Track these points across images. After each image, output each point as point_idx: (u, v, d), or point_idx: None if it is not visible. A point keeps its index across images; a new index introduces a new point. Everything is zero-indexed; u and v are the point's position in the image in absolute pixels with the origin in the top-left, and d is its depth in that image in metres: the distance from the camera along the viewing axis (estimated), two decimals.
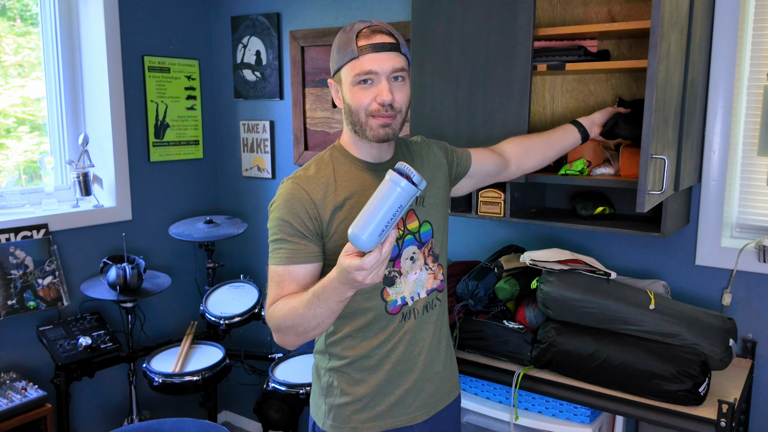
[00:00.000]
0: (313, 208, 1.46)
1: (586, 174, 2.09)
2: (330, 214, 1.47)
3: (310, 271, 1.47)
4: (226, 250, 3.38)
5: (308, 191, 1.47)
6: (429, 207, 1.59)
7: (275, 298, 1.46)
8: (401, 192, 1.22)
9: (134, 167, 3.02)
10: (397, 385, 1.57)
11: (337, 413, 1.58)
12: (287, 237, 1.46)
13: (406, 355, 1.56)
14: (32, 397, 2.32)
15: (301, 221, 1.45)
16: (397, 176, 1.22)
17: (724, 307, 2.13)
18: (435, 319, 1.60)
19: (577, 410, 2.01)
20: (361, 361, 1.55)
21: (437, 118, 2.20)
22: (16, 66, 2.78)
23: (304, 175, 1.50)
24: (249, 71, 3.20)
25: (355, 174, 1.52)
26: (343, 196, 1.49)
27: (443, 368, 1.65)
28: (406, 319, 1.55)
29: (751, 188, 2.12)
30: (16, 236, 2.56)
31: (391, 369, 1.55)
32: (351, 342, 1.55)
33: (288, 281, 1.46)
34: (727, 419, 1.69)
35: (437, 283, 1.61)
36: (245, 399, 3.44)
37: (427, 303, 1.58)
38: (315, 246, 1.47)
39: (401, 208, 1.23)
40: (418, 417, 1.60)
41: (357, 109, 1.45)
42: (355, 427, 1.57)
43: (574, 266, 2.01)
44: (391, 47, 1.43)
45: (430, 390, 1.61)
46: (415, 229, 1.55)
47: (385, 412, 1.57)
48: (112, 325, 2.86)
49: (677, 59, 1.77)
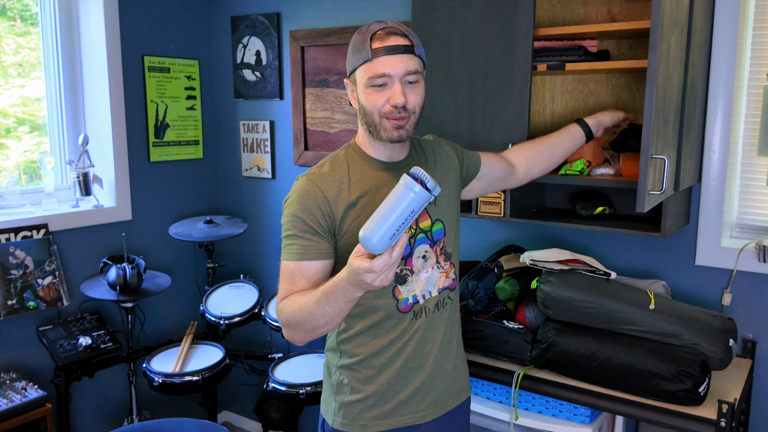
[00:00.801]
0: (327, 205, 1.47)
1: (586, 174, 2.09)
2: (343, 212, 1.48)
3: (321, 268, 1.48)
4: (226, 250, 3.38)
5: (322, 188, 1.48)
6: (441, 206, 1.59)
7: (286, 293, 1.48)
8: (414, 197, 1.22)
9: (134, 167, 3.02)
10: (407, 383, 1.57)
11: (347, 411, 1.58)
12: (299, 233, 1.47)
13: (416, 353, 1.56)
14: (32, 397, 2.32)
15: (314, 218, 1.47)
16: (411, 181, 1.22)
17: (724, 307, 2.13)
18: (446, 318, 1.60)
19: (577, 410, 2.01)
20: (372, 358, 1.56)
21: (437, 118, 2.20)
22: (16, 66, 2.78)
23: (318, 172, 1.52)
24: (249, 71, 3.20)
25: (369, 173, 1.53)
26: (356, 194, 1.50)
27: (454, 367, 1.65)
28: (417, 318, 1.55)
29: (751, 188, 2.12)
30: (16, 236, 2.56)
31: (402, 367, 1.56)
32: (362, 339, 1.56)
33: (299, 277, 1.47)
34: (727, 419, 1.69)
35: (449, 282, 1.61)
36: (245, 399, 3.44)
37: (439, 301, 1.59)
38: (327, 243, 1.48)
39: (414, 212, 1.23)
40: (428, 416, 1.60)
41: (371, 110, 1.47)
42: (365, 425, 1.57)
43: (574, 266, 2.01)
44: (405, 49, 1.44)
45: (440, 389, 1.61)
46: (428, 227, 1.55)
47: (394, 410, 1.57)
48: (112, 325, 2.86)
49: (677, 59, 1.77)
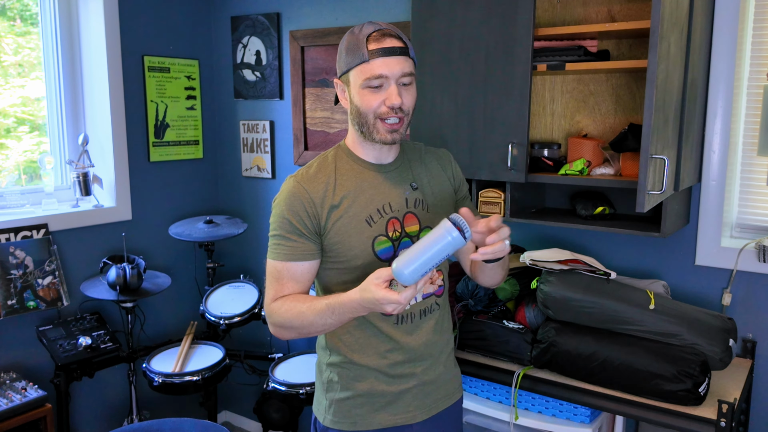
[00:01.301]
0: (312, 207, 1.49)
1: (586, 174, 2.09)
2: (327, 213, 1.50)
3: (307, 269, 1.51)
4: (226, 250, 3.38)
5: (308, 190, 1.50)
6: (433, 214, 1.58)
7: (276, 294, 1.51)
8: (451, 241, 1.29)
9: (134, 167, 3.02)
10: (396, 385, 1.57)
11: (338, 408, 1.59)
12: (286, 234, 1.50)
13: (405, 359, 1.56)
14: (32, 397, 2.32)
15: (300, 220, 1.49)
16: (451, 226, 1.29)
17: (724, 307, 2.13)
18: (433, 323, 1.60)
19: (577, 410, 2.01)
20: (360, 360, 1.56)
21: (437, 118, 2.20)
22: (16, 66, 2.78)
23: (306, 174, 1.54)
24: (249, 71, 3.20)
25: (356, 174, 1.54)
26: (340, 195, 1.51)
27: (445, 369, 1.65)
28: (402, 323, 1.55)
29: (751, 188, 2.12)
30: (16, 236, 2.56)
31: (389, 369, 1.56)
32: (350, 339, 1.57)
33: (286, 278, 1.51)
34: (727, 419, 1.69)
35: (434, 288, 1.60)
36: (245, 399, 3.44)
37: (426, 308, 1.58)
38: (312, 244, 1.51)
39: (447, 255, 1.32)
40: (418, 416, 1.60)
41: (366, 111, 1.47)
42: (355, 422, 1.58)
43: (574, 266, 2.01)
44: (400, 51, 1.45)
45: (430, 391, 1.61)
46: (414, 232, 1.55)
47: (384, 408, 1.57)
48: (112, 325, 2.86)
49: (677, 59, 1.77)
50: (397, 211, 1.53)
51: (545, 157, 2.23)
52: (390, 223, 1.52)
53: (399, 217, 1.53)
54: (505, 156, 2.09)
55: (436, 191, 1.61)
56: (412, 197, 1.56)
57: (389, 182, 1.55)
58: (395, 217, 1.53)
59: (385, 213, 1.52)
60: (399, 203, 1.54)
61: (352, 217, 1.50)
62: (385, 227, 1.51)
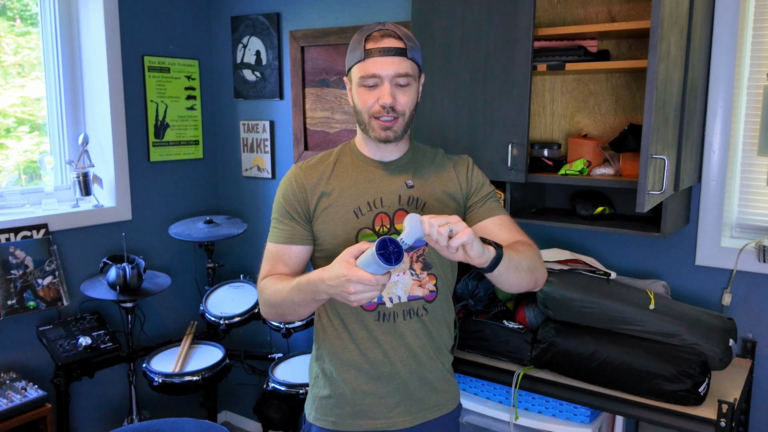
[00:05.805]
0: (303, 192, 1.55)
1: (586, 174, 2.09)
2: (317, 199, 1.54)
3: (296, 253, 1.56)
4: (226, 250, 3.38)
5: (303, 177, 1.57)
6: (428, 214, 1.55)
7: (266, 273, 1.58)
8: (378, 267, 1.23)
9: (134, 167, 3.02)
10: (377, 386, 1.55)
11: (320, 405, 1.60)
12: (280, 217, 1.57)
13: (386, 359, 1.54)
14: (32, 397, 2.32)
15: (291, 204, 1.56)
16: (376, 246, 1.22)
17: (724, 307, 2.13)
18: (420, 327, 1.56)
19: (577, 410, 2.01)
20: (341, 354, 1.56)
21: (437, 118, 2.20)
22: (16, 66, 2.78)
23: (306, 163, 1.60)
24: (249, 71, 3.20)
25: (356, 167, 1.57)
26: (333, 184, 1.55)
27: (434, 378, 1.60)
28: (384, 321, 1.53)
29: (751, 188, 2.12)
30: (16, 236, 2.56)
31: (371, 369, 1.54)
32: (332, 333, 1.57)
33: (277, 260, 1.57)
34: (727, 419, 1.69)
35: (424, 292, 1.56)
36: (245, 399, 3.44)
37: (411, 309, 1.54)
38: (303, 229, 1.55)
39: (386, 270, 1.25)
40: (400, 423, 1.57)
41: (361, 109, 1.51)
42: (335, 422, 1.58)
43: (574, 266, 2.02)
44: (397, 52, 1.46)
45: (415, 398, 1.57)
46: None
47: (364, 411, 1.56)
48: (112, 325, 2.86)
49: (677, 59, 1.77)
50: (388, 207, 1.53)
51: (545, 157, 2.23)
52: (378, 218, 1.52)
53: (389, 213, 1.53)
54: (505, 156, 2.09)
55: (438, 192, 1.59)
56: (406, 195, 1.55)
57: (386, 178, 1.56)
58: (384, 212, 1.53)
59: (375, 207, 1.53)
60: (391, 199, 1.54)
61: (341, 206, 1.53)
62: (372, 221, 1.52)
